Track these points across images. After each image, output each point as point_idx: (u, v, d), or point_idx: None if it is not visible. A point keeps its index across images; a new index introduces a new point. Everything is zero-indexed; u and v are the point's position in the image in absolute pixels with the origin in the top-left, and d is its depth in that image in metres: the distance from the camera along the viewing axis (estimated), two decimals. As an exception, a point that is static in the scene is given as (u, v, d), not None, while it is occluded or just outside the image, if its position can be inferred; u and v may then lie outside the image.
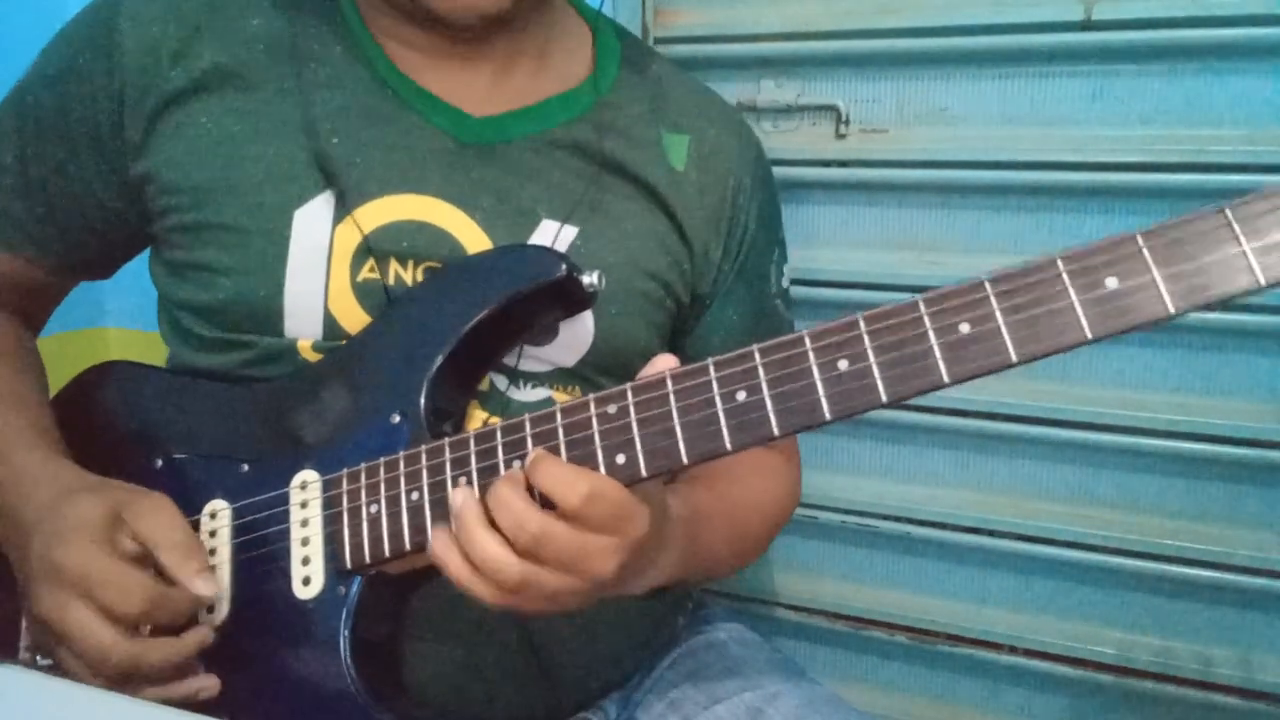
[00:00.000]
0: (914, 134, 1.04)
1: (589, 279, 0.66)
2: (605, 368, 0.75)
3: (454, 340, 0.66)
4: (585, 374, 0.75)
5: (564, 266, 0.65)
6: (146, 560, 0.63)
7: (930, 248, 1.06)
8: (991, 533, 1.08)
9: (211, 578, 0.64)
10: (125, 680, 0.61)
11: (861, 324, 0.53)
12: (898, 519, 1.12)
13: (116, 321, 1.40)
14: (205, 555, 0.65)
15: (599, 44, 0.81)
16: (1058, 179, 0.99)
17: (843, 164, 1.07)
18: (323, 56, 0.72)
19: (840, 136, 1.07)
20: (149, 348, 0.79)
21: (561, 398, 0.74)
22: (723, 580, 1.21)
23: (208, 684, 0.64)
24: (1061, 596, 1.09)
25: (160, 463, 0.72)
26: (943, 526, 1.10)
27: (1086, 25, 0.94)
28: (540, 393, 0.74)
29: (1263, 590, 1.00)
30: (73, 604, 0.60)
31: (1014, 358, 0.50)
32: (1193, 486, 1.02)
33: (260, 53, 0.72)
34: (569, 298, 0.68)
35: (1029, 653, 1.10)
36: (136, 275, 0.87)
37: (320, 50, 0.72)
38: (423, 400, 0.65)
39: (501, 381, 0.73)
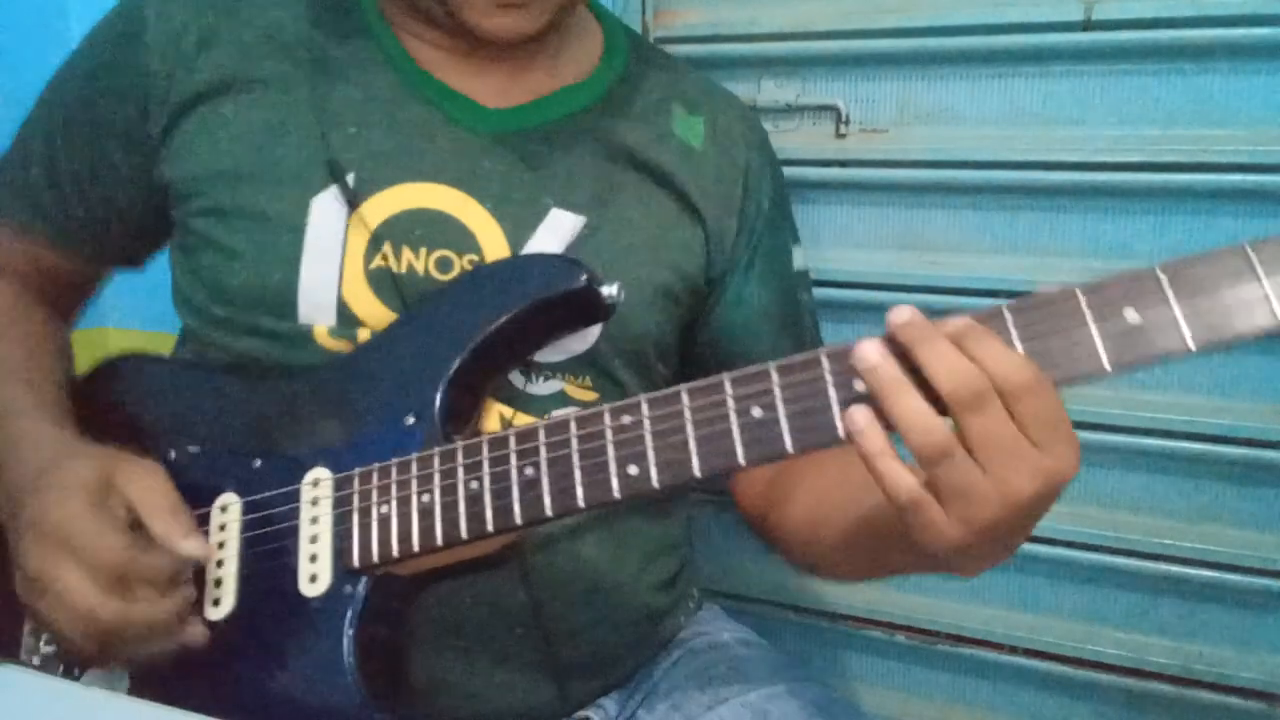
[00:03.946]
0: (914, 134, 1.04)
1: (608, 290, 0.66)
2: (616, 354, 0.76)
3: (470, 345, 0.66)
4: (597, 361, 0.75)
5: (584, 277, 0.65)
6: (136, 526, 0.63)
7: (930, 248, 1.06)
8: (991, 532, 1.08)
9: (201, 538, 0.63)
10: (114, 641, 0.61)
11: None
12: (898, 519, 1.11)
13: (117, 321, 1.40)
14: (191, 520, 0.64)
15: (608, 39, 0.83)
16: (1058, 179, 0.99)
17: (843, 164, 1.07)
18: (339, 48, 0.73)
19: (840, 136, 1.07)
20: (150, 347, 0.80)
21: (573, 389, 0.75)
22: (723, 580, 1.21)
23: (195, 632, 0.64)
24: (1062, 596, 1.09)
25: (173, 455, 0.72)
26: (943, 526, 1.10)
27: (1087, 25, 0.94)
28: (553, 385, 0.74)
29: (1262, 590, 1.00)
30: (60, 559, 0.60)
31: None
32: (1193, 486, 1.02)
33: (280, 45, 0.73)
34: (588, 308, 0.68)
35: (1029, 653, 1.10)
36: (137, 275, 0.87)
37: (337, 42, 0.73)
38: (437, 404, 0.65)
39: (515, 376, 0.73)
